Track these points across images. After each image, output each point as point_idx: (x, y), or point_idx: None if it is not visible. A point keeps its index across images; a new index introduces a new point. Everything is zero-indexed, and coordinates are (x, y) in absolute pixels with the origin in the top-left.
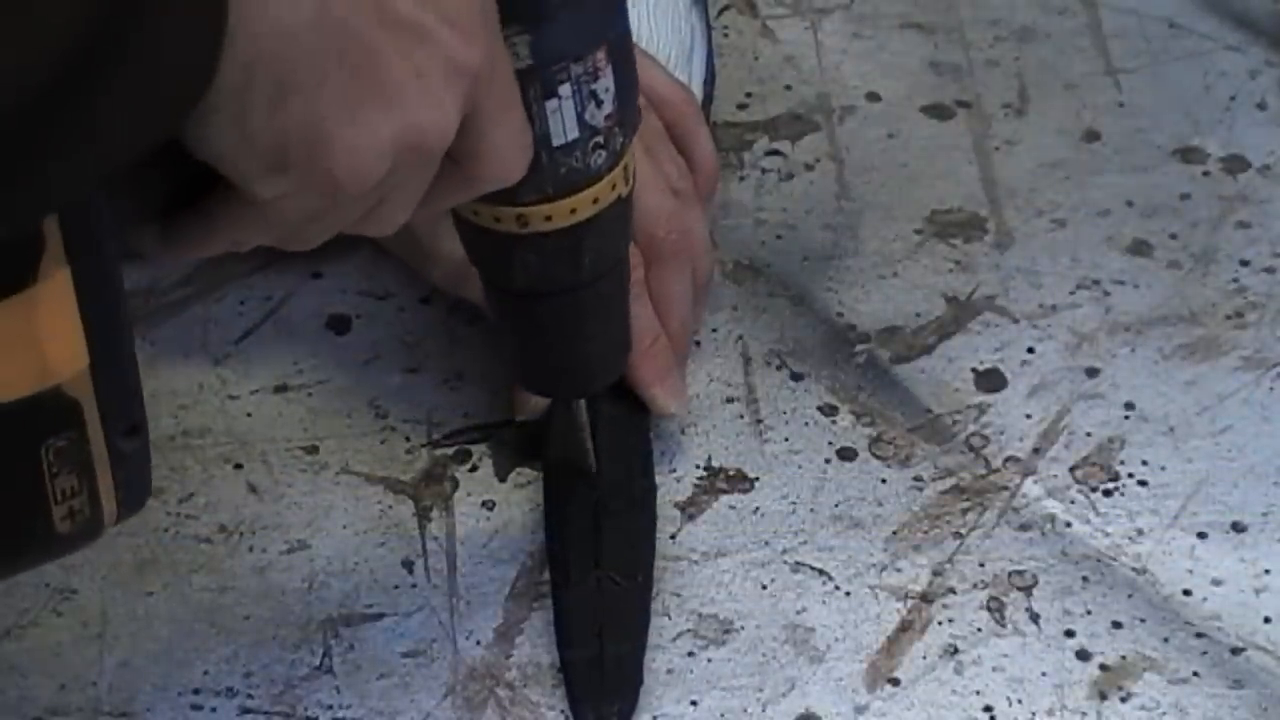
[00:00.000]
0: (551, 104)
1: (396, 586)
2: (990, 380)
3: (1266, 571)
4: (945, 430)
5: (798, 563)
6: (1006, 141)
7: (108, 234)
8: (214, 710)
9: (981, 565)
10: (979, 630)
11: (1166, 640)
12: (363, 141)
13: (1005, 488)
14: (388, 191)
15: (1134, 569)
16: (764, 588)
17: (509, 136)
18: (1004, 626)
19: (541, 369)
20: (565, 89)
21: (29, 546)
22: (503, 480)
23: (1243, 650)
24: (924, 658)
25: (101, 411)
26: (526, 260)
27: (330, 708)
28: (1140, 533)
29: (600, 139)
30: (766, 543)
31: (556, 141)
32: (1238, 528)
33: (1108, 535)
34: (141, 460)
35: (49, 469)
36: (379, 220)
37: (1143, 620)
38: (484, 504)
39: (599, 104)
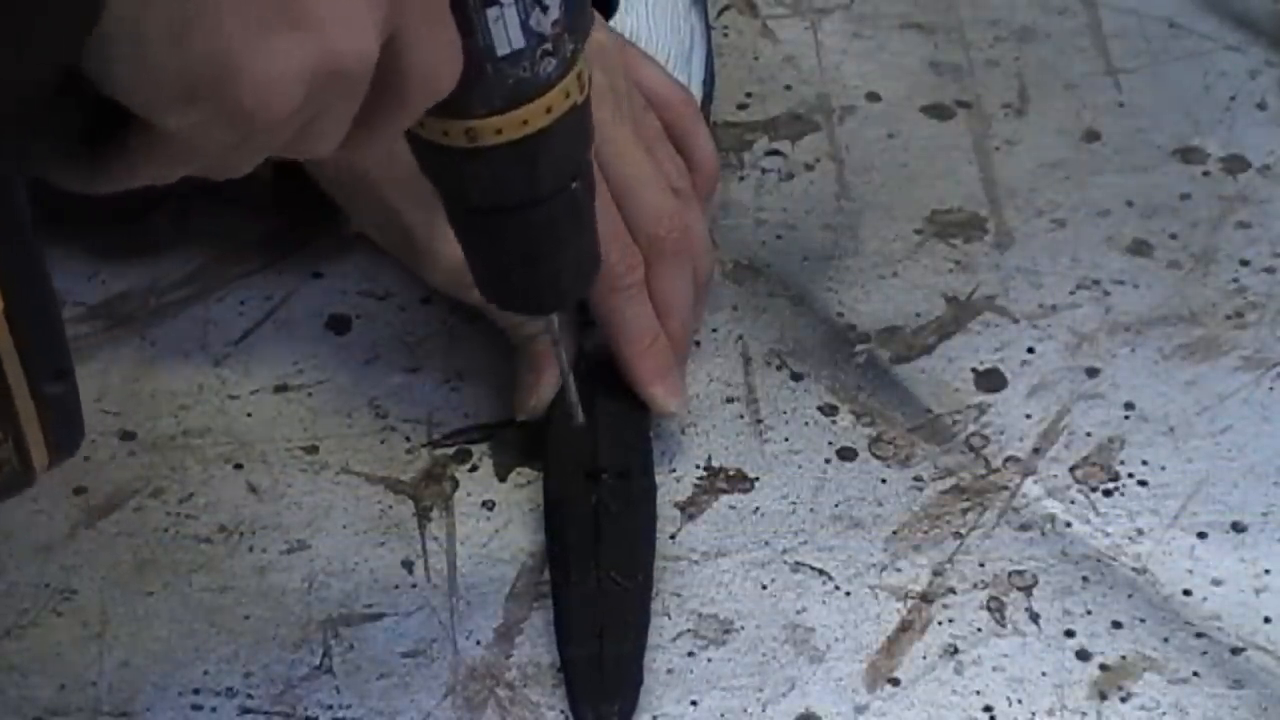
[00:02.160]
0: (493, 12)
1: (396, 586)
2: (990, 380)
3: (1266, 571)
4: (945, 430)
5: (798, 563)
6: (1006, 141)
7: (14, 175)
8: (214, 710)
9: (981, 565)
10: (979, 630)
11: (1166, 640)
12: (274, 70)
13: (1005, 488)
14: (311, 117)
15: (1134, 569)
16: (764, 588)
17: (436, 51)
18: (1004, 626)
19: (507, 284)
20: None
21: None
22: (503, 480)
23: (1243, 650)
24: (924, 658)
25: (22, 359)
26: (479, 175)
27: (330, 708)
28: (1140, 533)
29: (549, 45)
30: (766, 543)
31: (501, 51)
32: (1238, 528)
33: (1108, 535)
34: (70, 404)
35: None
36: (308, 146)
37: (1143, 620)
38: (484, 504)
39: (544, 9)
